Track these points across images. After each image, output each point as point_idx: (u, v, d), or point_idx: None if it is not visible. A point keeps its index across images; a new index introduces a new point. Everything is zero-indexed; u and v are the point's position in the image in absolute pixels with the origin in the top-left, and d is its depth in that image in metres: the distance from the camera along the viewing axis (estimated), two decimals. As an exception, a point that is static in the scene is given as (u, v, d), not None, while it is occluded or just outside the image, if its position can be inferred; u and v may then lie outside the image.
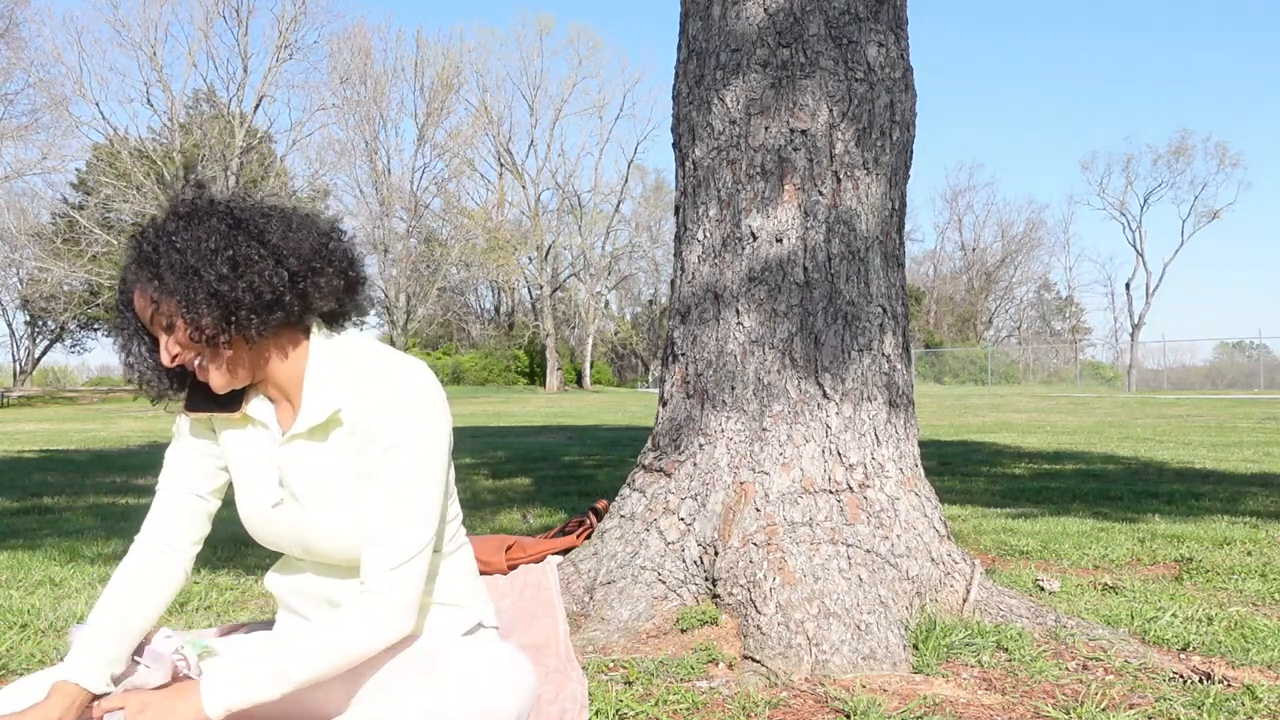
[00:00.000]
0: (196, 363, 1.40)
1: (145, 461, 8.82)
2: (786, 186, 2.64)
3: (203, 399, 1.49)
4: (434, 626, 1.52)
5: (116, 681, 1.43)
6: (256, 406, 1.50)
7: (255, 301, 1.37)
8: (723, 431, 2.59)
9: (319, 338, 1.48)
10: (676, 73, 2.91)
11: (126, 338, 1.45)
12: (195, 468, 1.56)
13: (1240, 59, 76.02)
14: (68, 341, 42.79)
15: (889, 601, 2.34)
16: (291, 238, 1.41)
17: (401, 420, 1.40)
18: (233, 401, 1.50)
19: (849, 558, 2.37)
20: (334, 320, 1.51)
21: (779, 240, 2.63)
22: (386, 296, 38.77)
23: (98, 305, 33.52)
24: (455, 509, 1.60)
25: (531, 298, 46.39)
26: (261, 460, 1.50)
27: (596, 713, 1.87)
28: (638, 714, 1.90)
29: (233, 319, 1.36)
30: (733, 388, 2.61)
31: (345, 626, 1.36)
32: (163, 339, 1.40)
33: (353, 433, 1.44)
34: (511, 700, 1.31)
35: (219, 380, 1.42)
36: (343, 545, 1.45)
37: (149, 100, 32.46)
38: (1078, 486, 5.85)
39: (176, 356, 1.39)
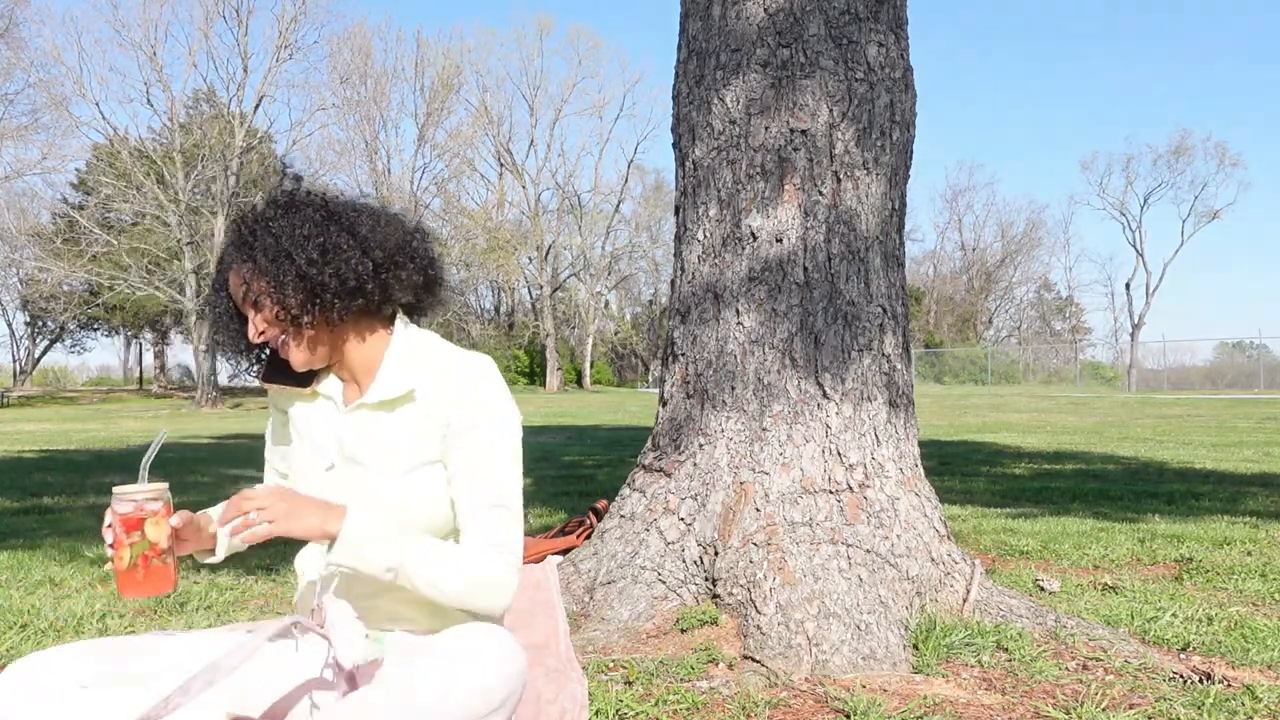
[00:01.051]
0: (280, 340, 1.51)
1: (145, 461, 8.80)
2: (786, 186, 2.64)
3: (277, 372, 1.60)
4: (444, 624, 1.53)
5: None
6: (326, 385, 1.60)
7: (340, 287, 1.47)
8: (723, 431, 2.59)
9: (400, 327, 1.58)
10: (676, 73, 2.91)
11: (218, 315, 1.57)
12: (280, 464, 1.69)
13: (1240, 59, 76.06)
14: (68, 341, 42.82)
15: (889, 601, 2.34)
16: (379, 232, 1.52)
17: (478, 411, 1.49)
18: (305, 378, 1.60)
19: (849, 558, 2.37)
20: (411, 313, 1.62)
21: (779, 240, 2.63)
22: (386, 296, 38.59)
23: (98, 305, 33.50)
24: None
25: (531, 298, 46.41)
26: (322, 429, 1.58)
27: (596, 713, 1.87)
28: (638, 714, 1.89)
29: (317, 301, 1.47)
30: (733, 388, 2.61)
31: (475, 558, 1.43)
32: (251, 316, 1.51)
33: (429, 414, 1.51)
34: (497, 680, 1.32)
35: (299, 358, 1.52)
36: (402, 517, 1.51)
37: (149, 100, 32.38)
38: (1078, 486, 5.84)
39: (263, 333, 1.50)
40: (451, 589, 1.42)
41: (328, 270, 1.46)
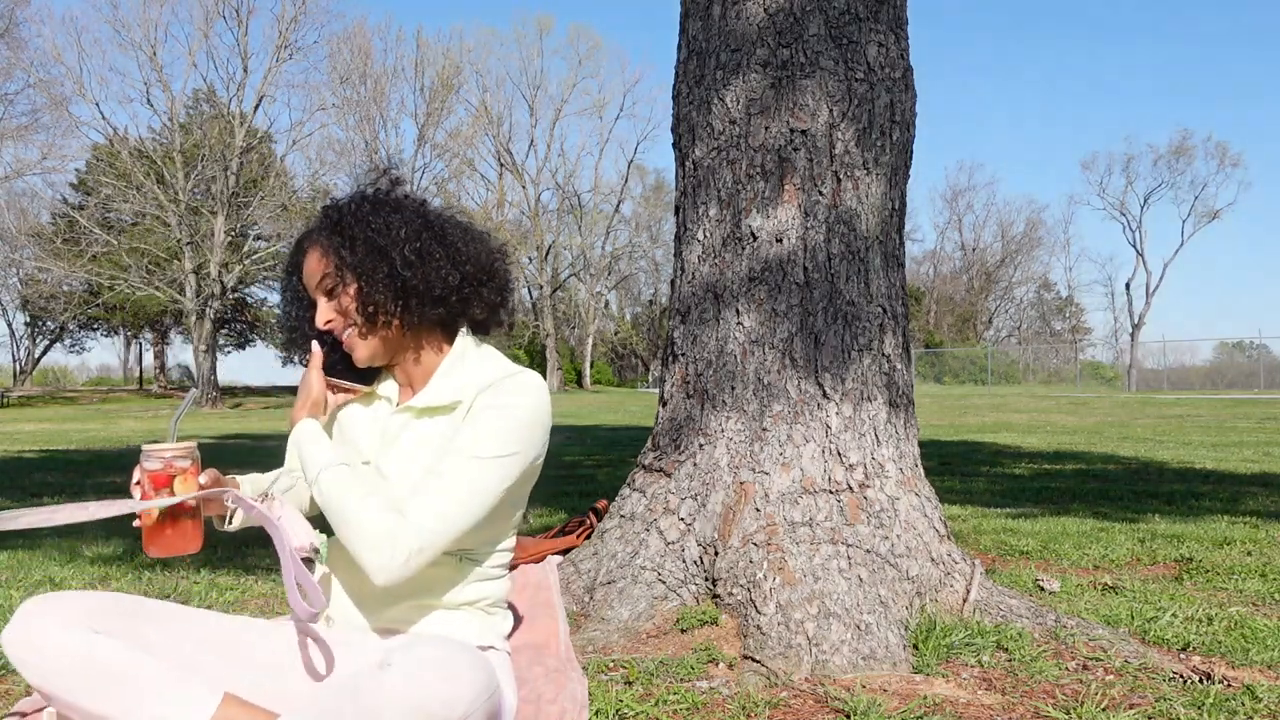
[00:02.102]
0: (347, 333, 1.52)
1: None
2: (786, 186, 2.64)
3: (340, 368, 1.61)
4: (445, 634, 1.53)
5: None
6: (385, 387, 1.62)
7: (426, 292, 1.49)
8: (723, 431, 2.59)
9: (461, 339, 1.60)
10: (676, 73, 2.91)
11: (288, 300, 1.62)
12: None
13: (1240, 59, 76.09)
14: (67, 341, 42.81)
15: (889, 601, 2.33)
16: (470, 246, 1.55)
17: (504, 399, 1.48)
18: (368, 377, 1.62)
19: (849, 558, 2.37)
20: (477, 329, 1.64)
21: (779, 240, 2.63)
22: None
23: (98, 305, 33.47)
24: (512, 542, 1.63)
25: (531, 298, 46.40)
26: (365, 428, 1.60)
27: (596, 713, 1.87)
28: (638, 714, 1.89)
29: (401, 302, 1.49)
30: (733, 388, 2.61)
31: (378, 524, 1.40)
32: (321, 302, 1.52)
33: (459, 426, 1.50)
34: (448, 698, 1.29)
35: (364, 352, 1.54)
36: None
37: (149, 100, 32.25)
38: (1078, 486, 5.85)
39: (330, 322, 1.52)
40: (338, 522, 1.43)
41: (419, 274, 1.48)
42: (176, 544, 1.40)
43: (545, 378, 42.77)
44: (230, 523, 1.62)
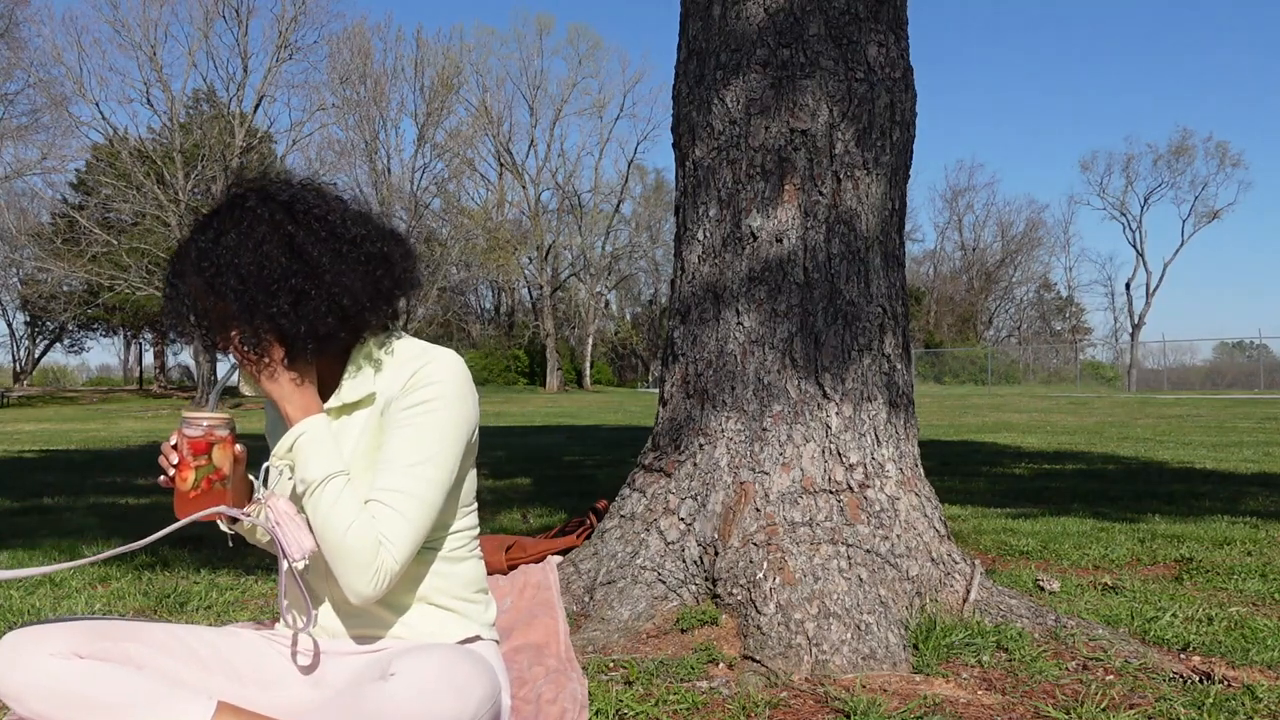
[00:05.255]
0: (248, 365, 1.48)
1: (145, 462, 8.81)
2: (786, 186, 2.64)
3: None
4: (429, 630, 1.52)
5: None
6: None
7: (308, 338, 1.44)
8: (723, 431, 2.59)
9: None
10: (676, 73, 2.91)
11: (174, 304, 1.50)
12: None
13: (1240, 59, 76.09)
14: (67, 341, 42.82)
15: (889, 601, 2.34)
16: (346, 274, 1.44)
17: (425, 390, 1.46)
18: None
19: (849, 558, 2.37)
20: (384, 328, 1.58)
21: (779, 240, 2.63)
22: (386, 296, 38.50)
23: (98, 305, 33.47)
24: (473, 520, 1.62)
25: (531, 298, 46.41)
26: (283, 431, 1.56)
27: (596, 713, 1.87)
28: (638, 714, 1.89)
29: (284, 348, 1.45)
30: (733, 388, 2.61)
31: (363, 536, 1.40)
32: (218, 338, 1.48)
33: (382, 411, 1.49)
34: (455, 705, 1.29)
35: (260, 387, 1.49)
36: None
37: (149, 100, 32.25)
38: (1078, 486, 5.85)
39: (231, 353, 1.48)
40: (332, 540, 1.39)
41: (301, 325, 1.42)
42: (206, 506, 1.42)
43: (545, 378, 42.88)
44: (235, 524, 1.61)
